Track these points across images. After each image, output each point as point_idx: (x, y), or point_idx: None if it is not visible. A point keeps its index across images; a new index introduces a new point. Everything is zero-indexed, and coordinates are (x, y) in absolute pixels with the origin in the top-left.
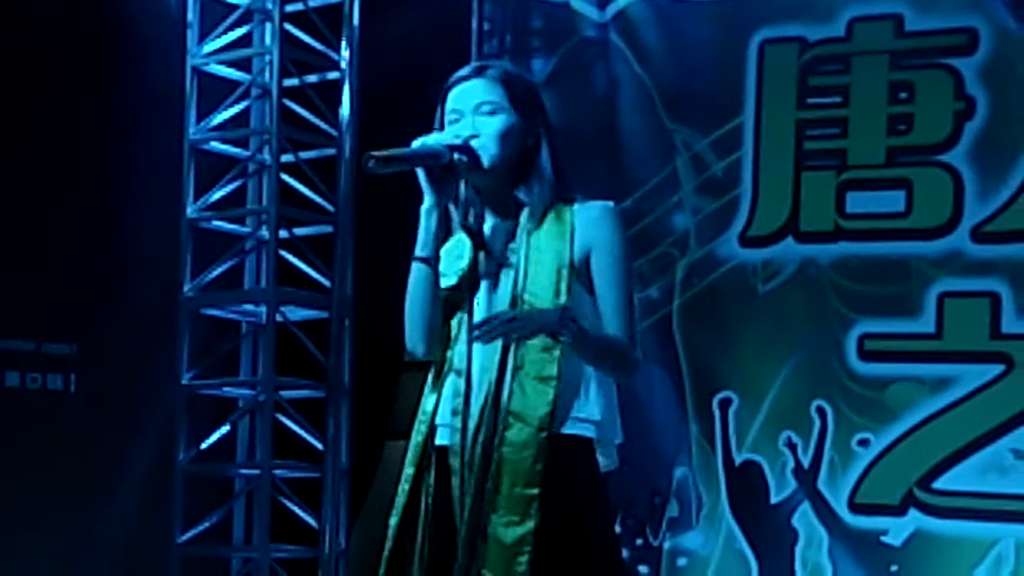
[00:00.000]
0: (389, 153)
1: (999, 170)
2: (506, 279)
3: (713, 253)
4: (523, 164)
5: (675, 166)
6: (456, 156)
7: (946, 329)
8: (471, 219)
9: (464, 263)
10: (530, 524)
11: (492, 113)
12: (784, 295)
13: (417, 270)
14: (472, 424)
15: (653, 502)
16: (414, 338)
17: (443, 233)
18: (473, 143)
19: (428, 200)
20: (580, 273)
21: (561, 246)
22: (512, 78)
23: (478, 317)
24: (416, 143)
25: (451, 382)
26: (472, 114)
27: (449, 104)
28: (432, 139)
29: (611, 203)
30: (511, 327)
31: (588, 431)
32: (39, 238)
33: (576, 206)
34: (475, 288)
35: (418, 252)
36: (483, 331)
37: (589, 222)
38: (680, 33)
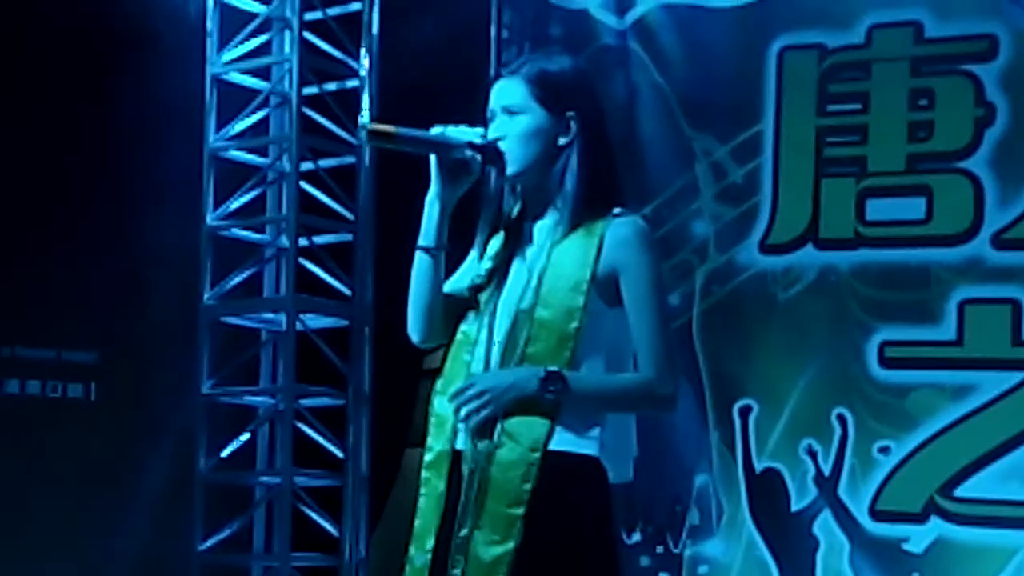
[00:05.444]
0: (385, 128)
1: (1020, 176)
2: (516, 285)
3: (733, 260)
4: (554, 164)
5: (695, 173)
6: (470, 154)
7: (967, 336)
8: (504, 216)
9: (490, 265)
10: (510, 544)
11: (514, 115)
12: (804, 302)
13: (417, 259)
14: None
15: (674, 510)
16: (412, 325)
17: (447, 224)
18: (500, 145)
19: (433, 188)
20: (602, 287)
21: (585, 259)
22: (544, 74)
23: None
24: (435, 130)
25: None
26: (500, 115)
27: (489, 103)
28: (455, 131)
29: (642, 220)
30: (482, 401)
31: (590, 448)
32: (59, 247)
33: (611, 219)
34: (494, 290)
35: (420, 241)
36: (457, 404)
37: (619, 241)
38: (699, 40)
